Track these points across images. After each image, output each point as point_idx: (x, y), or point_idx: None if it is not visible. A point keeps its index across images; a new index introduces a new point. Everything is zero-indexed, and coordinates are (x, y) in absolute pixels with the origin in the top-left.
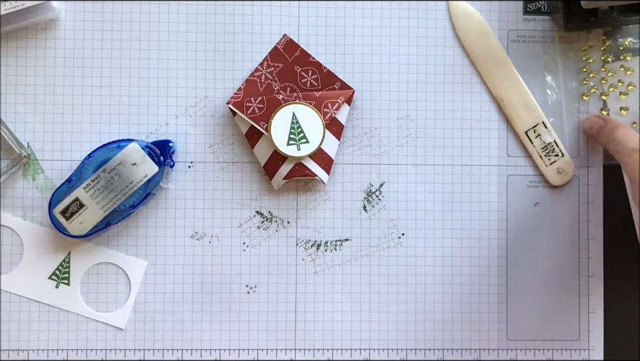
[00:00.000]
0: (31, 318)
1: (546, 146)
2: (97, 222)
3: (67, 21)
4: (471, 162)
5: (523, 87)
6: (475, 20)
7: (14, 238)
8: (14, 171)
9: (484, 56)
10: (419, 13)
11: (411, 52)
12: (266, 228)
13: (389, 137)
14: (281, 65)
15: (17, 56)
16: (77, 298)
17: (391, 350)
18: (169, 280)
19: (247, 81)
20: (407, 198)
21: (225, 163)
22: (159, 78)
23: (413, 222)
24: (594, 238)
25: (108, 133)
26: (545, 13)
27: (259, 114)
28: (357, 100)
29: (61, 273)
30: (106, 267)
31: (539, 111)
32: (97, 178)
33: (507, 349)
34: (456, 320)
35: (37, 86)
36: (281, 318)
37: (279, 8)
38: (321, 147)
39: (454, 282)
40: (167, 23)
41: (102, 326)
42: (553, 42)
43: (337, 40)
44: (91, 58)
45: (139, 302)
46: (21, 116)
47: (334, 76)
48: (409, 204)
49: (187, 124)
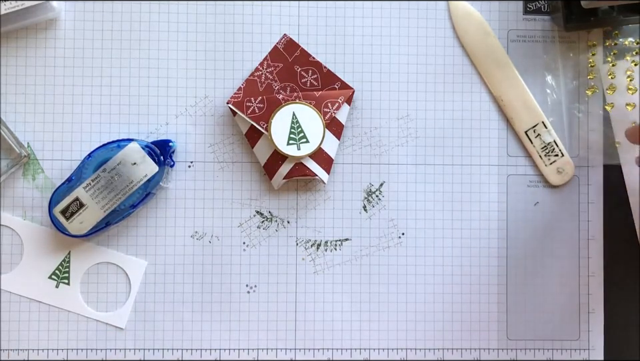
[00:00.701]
0: (31, 318)
1: (546, 146)
2: (96, 221)
3: (67, 21)
4: (471, 162)
5: (523, 87)
6: (475, 20)
7: (14, 237)
8: (14, 171)
9: (484, 56)
10: (419, 13)
11: (411, 52)
12: (266, 228)
13: (389, 137)
14: (281, 65)
15: (17, 56)
16: (77, 298)
17: (390, 350)
18: (168, 279)
19: (247, 81)
20: (407, 198)
21: (225, 163)
22: (159, 78)
23: (413, 222)
24: (594, 238)
25: (108, 133)
26: (545, 13)
27: (259, 113)
28: (357, 100)
29: (61, 273)
30: (106, 267)
31: (538, 111)
32: (97, 177)
33: (507, 349)
34: (456, 320)
35: (37, 86)
36: (280, 318)
37: (279, 8)
38: (320, 147)
39: (454, 281)
40: (166, 23)
41: (102, 326)
42: (553, 42)
43: (337, 40)
44: (91, 58)
45: (138, 302)
46: (21, 115)
47: (334, 76)
48: (409, 203)
49: (187, 124)
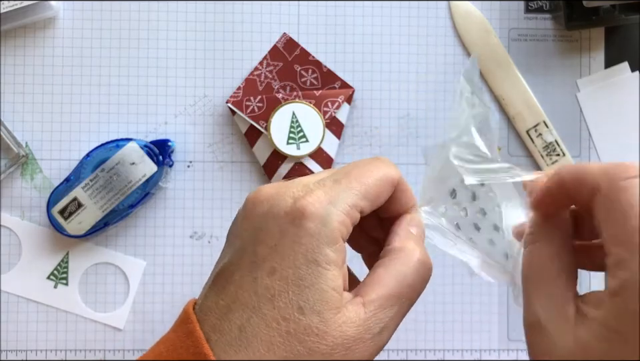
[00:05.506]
0: (29, 318)
1: (547, 145)
2: (95, 221)
3: (66, 20)
4: None
5: (524, 86)
6: (476, 19)
7: (12, 237)
8: (12, 171)
9: (485, 55)
10: (419, 12)
11: (411, 52)
12: None
13: (389, 136)
14: (280, 64)
15: (15, 55)
16: (76, 298)
17: (391, 351)
18: (167, 280)
19: (247, 80)
20: None
21: (224, 162)
22: (158, 77)
23: None
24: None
25: (107, 132)
26: (546, 12)
27: (258, 113)
28: (357, 99)
29: (59, 273)
30: (104, 267)
31: (540, 110)
32: (96, 177)
33: (508, 349)
34: (456, 320)
35: (35, 85)
36: None
37: (278, 7)
38: (320, 146)
39: (454, 282)
40: (166, 22)
41: (100, 326)
42: (554, 41)
43: (337, 39)
44: (90, 57)
45: (137, 302)
46: (19, 115)
47: (334, 75)
48: None
49: (186, 124)
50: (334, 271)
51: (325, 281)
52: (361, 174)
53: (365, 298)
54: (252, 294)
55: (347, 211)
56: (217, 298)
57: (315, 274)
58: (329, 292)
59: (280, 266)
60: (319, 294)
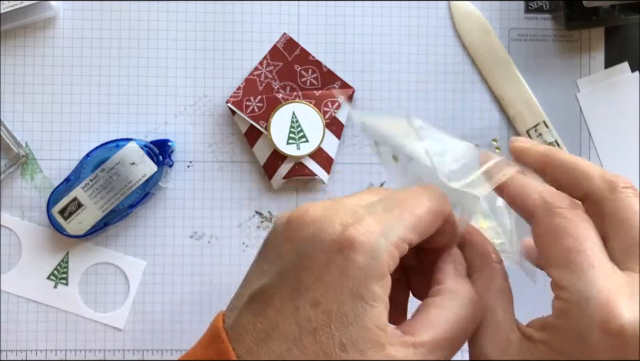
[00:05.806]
0: (29, 318)
1: (547, 145)
2: (95, 221)
3: (66, 20)
4: None
5: (524, 86)
6: (476, 19)
7: (12, 237)
8: (12, 171)
9: (485, 55)
10: (419, 12)
11: (412, 52)
12: (265, 228)
13: None
14: (280, 64)
15: (15, 55)
16: (76, 298)
17: None
18: (167, 280)
19: (247, 80)
20: None
21: (224, 162)
22: (158, 77)
23: None
24: None
25: (107, 132)
26: (546, 12)
27: (258, 113)
28: (357, 99)
29: (59, 273)
30: (104, 267)
31: (540, 110)
32: (96, 177)
33: None
34: None
35: (35, 85)
36: None
37: (278, 7)
38: (320, 146)
39: None
40: (165, 22)
41: (100, 326)
42: (554, 41)
43: (337, 39)
44: (90, 57)
45: (137, 302)
46: (19, 115)
47: (334, 75)
48: None
49: (186, 124)
50: (379, 308)
51: (370, 319)
52: (414, 205)
53: (416, 338)
54: (293, 324)
55: (397, 244)
56: (254, 319)
57: (360, 311)
58: (373, 330)
59: (324, 298)
60: (363, 331)
